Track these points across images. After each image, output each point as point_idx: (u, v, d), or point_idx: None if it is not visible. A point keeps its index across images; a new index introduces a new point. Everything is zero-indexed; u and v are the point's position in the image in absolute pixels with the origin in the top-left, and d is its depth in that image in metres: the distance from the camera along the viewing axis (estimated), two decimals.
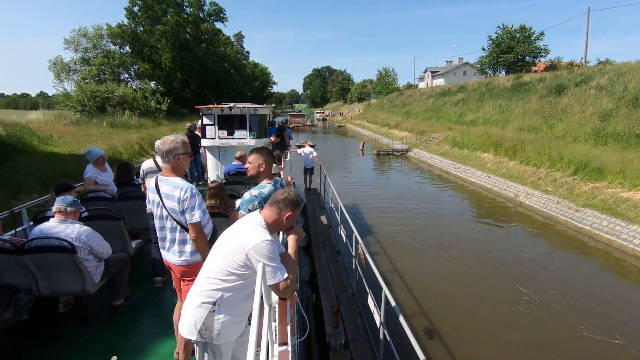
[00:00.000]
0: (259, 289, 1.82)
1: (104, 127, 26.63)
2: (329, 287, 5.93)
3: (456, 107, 34.56)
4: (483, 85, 34.30)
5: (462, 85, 40.15)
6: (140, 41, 40.81)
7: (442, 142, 25.29)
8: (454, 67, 74.60)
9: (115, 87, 32.80)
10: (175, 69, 43.87)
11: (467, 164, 19.38)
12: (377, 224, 11.93)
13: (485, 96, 31.58)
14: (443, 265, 8.90)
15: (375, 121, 48.95)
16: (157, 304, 4.13)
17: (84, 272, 3.43)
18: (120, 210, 4.78)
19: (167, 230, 2.85)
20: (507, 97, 28.08)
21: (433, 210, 13.77)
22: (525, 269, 8.67)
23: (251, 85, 73.74)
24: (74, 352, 3.26)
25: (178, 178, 2.81)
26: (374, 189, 17.21)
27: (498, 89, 31.09)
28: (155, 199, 2.84)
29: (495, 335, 6.27)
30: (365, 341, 4.62)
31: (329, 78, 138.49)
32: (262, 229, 2.11)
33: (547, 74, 28.08)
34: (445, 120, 32.88)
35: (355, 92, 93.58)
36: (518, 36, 51.47)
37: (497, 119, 25.84)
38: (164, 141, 2.82)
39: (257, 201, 3.01)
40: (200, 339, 2.13)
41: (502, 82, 32.42)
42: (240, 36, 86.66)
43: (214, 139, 8.64)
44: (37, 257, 3.30)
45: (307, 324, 2.79)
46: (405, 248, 9.98)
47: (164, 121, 34.33)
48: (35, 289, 3.41)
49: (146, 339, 3.44)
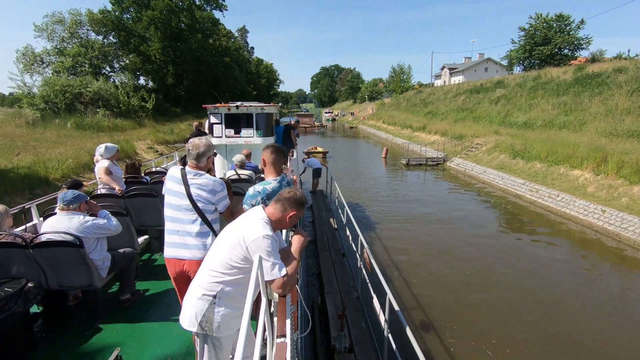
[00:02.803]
0: (253, 280, 1.78)
1: (68, 129, 21.35)
2: (334, 290, 5.86)
3: (497, 106, 28.71)
4: (530, 79, 28.38)
5: (499, 80, 34.24)
6: (126, 30, 35.49)
7: (493, 151, 19.50)
8: (474, 63, 70.22)
9: (91, 80, 27.64)
10: (166, 62, 38.52)
11: (551, 185, 13.59)
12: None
13: (537, 92, 25.70)
14: None
15: (393, 122, 43.15)
16: (163, 299, 4.11)
17: (91, 266, 3.51)
18: (127, 207, 4.84)
19: (184, 223, 2.76)
20: (572, 92, 22.20)
21: (533, 284, 8.11)
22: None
23: (256, 84, 68.53)
24: (81, 343, 3.33)
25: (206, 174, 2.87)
26: (420, 233, 11.54)
27: (554, 83, 25.18)
28: (179, 190, 2.77)
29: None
30: (369, 345, 4.63)
31: (338, 77, 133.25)
32: (263, 224, 2.07)
33: (626, 63, 22.11)
34: (485, 122, 27.06)
35: (366, 91, 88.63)
36: (555, 26, 45.45)
37: (565, 120, 19.99)
38: (197, 144, 2.83)
39: (261, 197, 2.88)
40: (201, 331, 2.12)
41: (557, 74, 26.49)
42: (244, 31, 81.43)
43: (221, 137, 8.58)
44: (46, 251, 3.39)
45: (310, 320, 3.07)
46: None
47: (148, 122, 28.93)
48: (45, 282, 3.50)
49: (151, 333, 3.46)
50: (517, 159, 17.04)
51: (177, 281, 2.86)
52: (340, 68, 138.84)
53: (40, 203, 4.79)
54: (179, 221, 2.76)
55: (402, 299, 7.10)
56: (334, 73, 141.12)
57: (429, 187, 17.40)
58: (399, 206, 13.63)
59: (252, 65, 73.39)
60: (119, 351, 3.03)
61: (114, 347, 3.12)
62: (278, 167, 3.07)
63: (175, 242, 2.76)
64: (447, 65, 76.13)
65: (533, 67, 47.70)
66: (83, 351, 3.22)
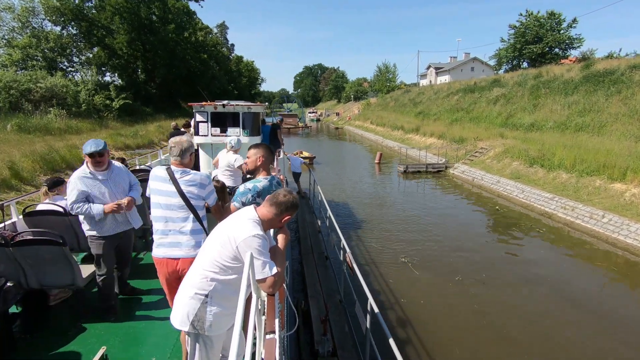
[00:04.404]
0: (245, 277, 1.79)
1: (8, 131, 17.92)
2: (317, 294, 5.86)
3: (496, 106, 26.71)
4: (531, 78, 26.49)
5: (494, 78, 32.37)
6: (87, 20, 31.78)
7: (502, 156, 17.27)
8: (460, 62, 69.50)
9: (44, 76, 24.10)
10: (135, 57, 34.94)
11: (588, 202, 11.33)
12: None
13: (539, 91, 23.77)
14: None
15: (382, 123, 40.84)
16: (149, 299, 4.02)
17: (74, 265, 3.44)
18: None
19: (176, 221, 2.74)
20: (582, 91, 20.28)
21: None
22: None
23: (236, 82, 65.13)
24: (64, 343, 3.26)
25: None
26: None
27: (559, 81, 23.29)
28: (168, 188, 2.74)
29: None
30: (352, 348, 4.67)
31: (321, 76, 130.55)
32: (254, 224, 2.07)
33: (636, 60, 20.34)
34: (486, 123, 24.98)
35: (351, 91, 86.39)
36: (546, 24, 44.13)
37: (581, 122, 17.98)
38: (179, 141, 2.81)
39: (251, 194, 2.93)
40: (193, 330, 2.09)
41: (560, 72, 24.65)
42: (223, 27, 77.59)
43: (207, 136, 8.45)
44: (27, 249, 3.32)
45: (296, 319, 2.88)
46: None
47: (113, 123, 25.47)
48: (25, 281, 3.41)
49: (137, 333, 3.41)
50: (534, 167, 14.81)
51: (168, 281, 2.80)
52: (323, 67, 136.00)
53: (20, 200, 4.75)
54: (170, 220, 2.73)
55: (383, 300, 7.01)
56: (317, 72, 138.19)
57: (437, 200, 14.96)
58: (409, 236, 11.11)
59: (232, 63, 69.84)
60: (104, 350, 2.78)
61: (98, 347, 2.89)
62: (267, 167, 3.16)
63: (167, 242, 2.72)
64: (433, 64, 74.94)
65: (523, 67, 46.42)
66: (66, 350, 3.14)
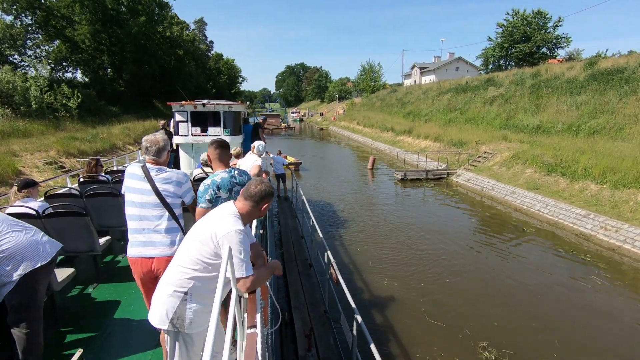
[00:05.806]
0: (223, 273, 1.72)
1: None
2: (301, 304, 5.64)
3: (492, 107, 25.11)
4: (529, 77, 25.02)
5: (488, 77, 30.86)
6: (43, 8, 28.40)
7: (512, 162, 15.47)
8: (445, 62, 69.04)
9: None
10: (100, 51, 31.70)
11: (632, 221, 9.51)
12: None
13: (540, 90, 22.25)
14: None
15: (369, 124, 38.89)
16: (127, 301, 3.95)
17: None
18: (87, 207, 4.59)
19: (150, 220, 2.66)
20: (590, 91, 18.79)
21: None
22: None
23: (215, 81, 61.94)
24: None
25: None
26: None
27: (561, 80, 21.83)
28: (142, 186, 2.66)
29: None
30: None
31: (304, 75, 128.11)
32: (235, 218, 2.06)
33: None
34: (484, 124, 23.32)
35: (334, 90, 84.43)
36: (534, 22, 43.35)
37: (595, 124, 16.40)
38: (155, 140, 2.74)
39: (212, 189, 2.89)
40: (172, 328, 2.05)
41: (561, 70, 23.23)
42: (201, 23, 74.15)
43: (187, 136, 8.32)
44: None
45: (279, 315, 2.92)
46: None
47: (71, 125, 22.35)
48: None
49: (115, 335, 3.38)
50: (554, 176, 13.01)
51: (143, 282, 2.72)
52: (305, 67, 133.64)
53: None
54: (145, 219, 2.66)
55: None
56: (300, 72, 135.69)
57: (443, 216, 12.95)
58: (421, 267, 9.00)
59: (211, 60, 66.56)
60: (81, 352, 2.66)
61: (75, 350, 2.76)
62: (225, 160, 3.14)
63: (141, 241, 2.65)
64: (418, 64, 74.09)
65: (509, 66, 45.48)
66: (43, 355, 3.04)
